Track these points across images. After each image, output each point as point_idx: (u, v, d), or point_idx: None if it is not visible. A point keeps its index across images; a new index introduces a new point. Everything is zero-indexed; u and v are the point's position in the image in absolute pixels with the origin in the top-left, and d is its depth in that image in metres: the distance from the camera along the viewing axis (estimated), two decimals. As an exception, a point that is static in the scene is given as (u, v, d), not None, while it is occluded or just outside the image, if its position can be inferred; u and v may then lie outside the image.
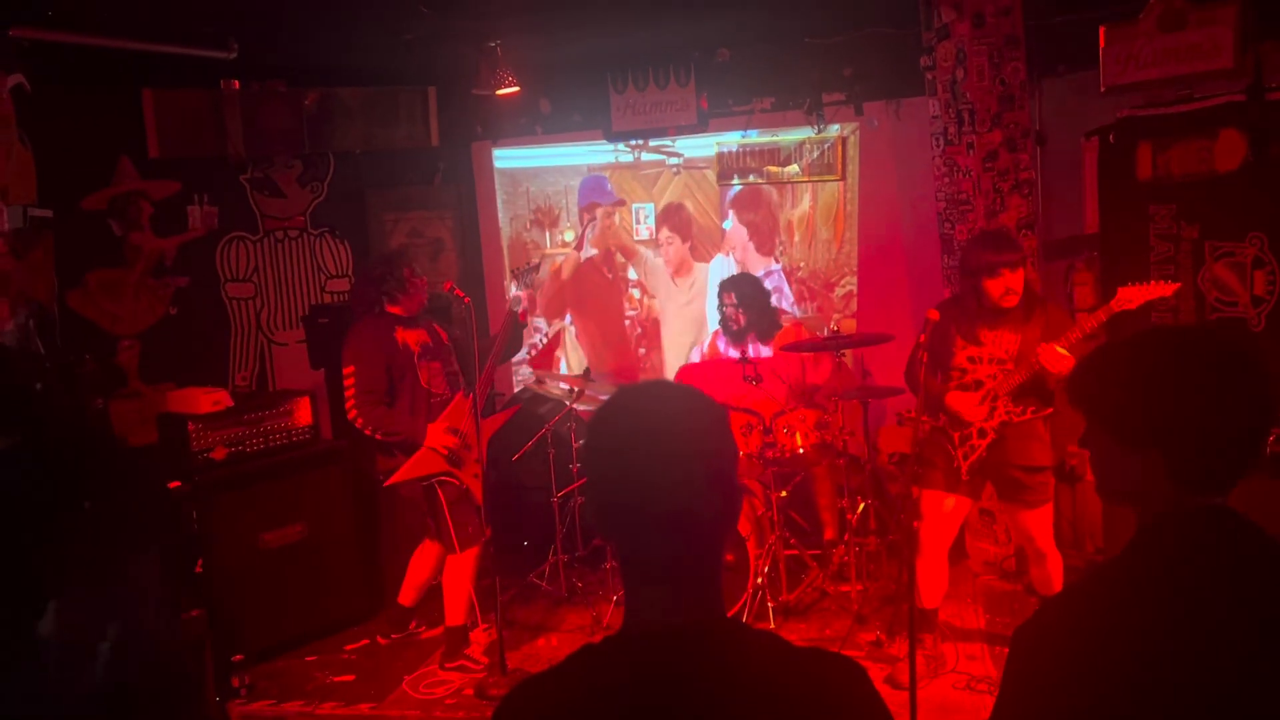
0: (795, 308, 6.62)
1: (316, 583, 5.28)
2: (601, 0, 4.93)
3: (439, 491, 4.71)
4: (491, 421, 5.00)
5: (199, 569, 4.26)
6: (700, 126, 6.50)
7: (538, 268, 5.30)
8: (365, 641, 5.25)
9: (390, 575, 5.52)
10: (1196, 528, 1.52)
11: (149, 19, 4.65)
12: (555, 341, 5.80)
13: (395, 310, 4.77)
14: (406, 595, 5.14)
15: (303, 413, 5.39)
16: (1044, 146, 5.60)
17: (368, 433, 4.66)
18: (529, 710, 1.32)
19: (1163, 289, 3.96)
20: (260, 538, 5.10)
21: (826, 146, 6.41)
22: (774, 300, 6.02)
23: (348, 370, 4.66)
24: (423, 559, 5.05)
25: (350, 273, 6.53)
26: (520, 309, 5.01)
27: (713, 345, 5.80)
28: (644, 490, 1.28)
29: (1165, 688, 1.41)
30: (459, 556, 4.76)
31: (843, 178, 6.45)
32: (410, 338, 4.78)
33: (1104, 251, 5.29)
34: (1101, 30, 4.95)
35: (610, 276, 7.04)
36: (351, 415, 4.64)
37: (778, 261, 6.67)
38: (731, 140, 6.62)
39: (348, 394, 4.65)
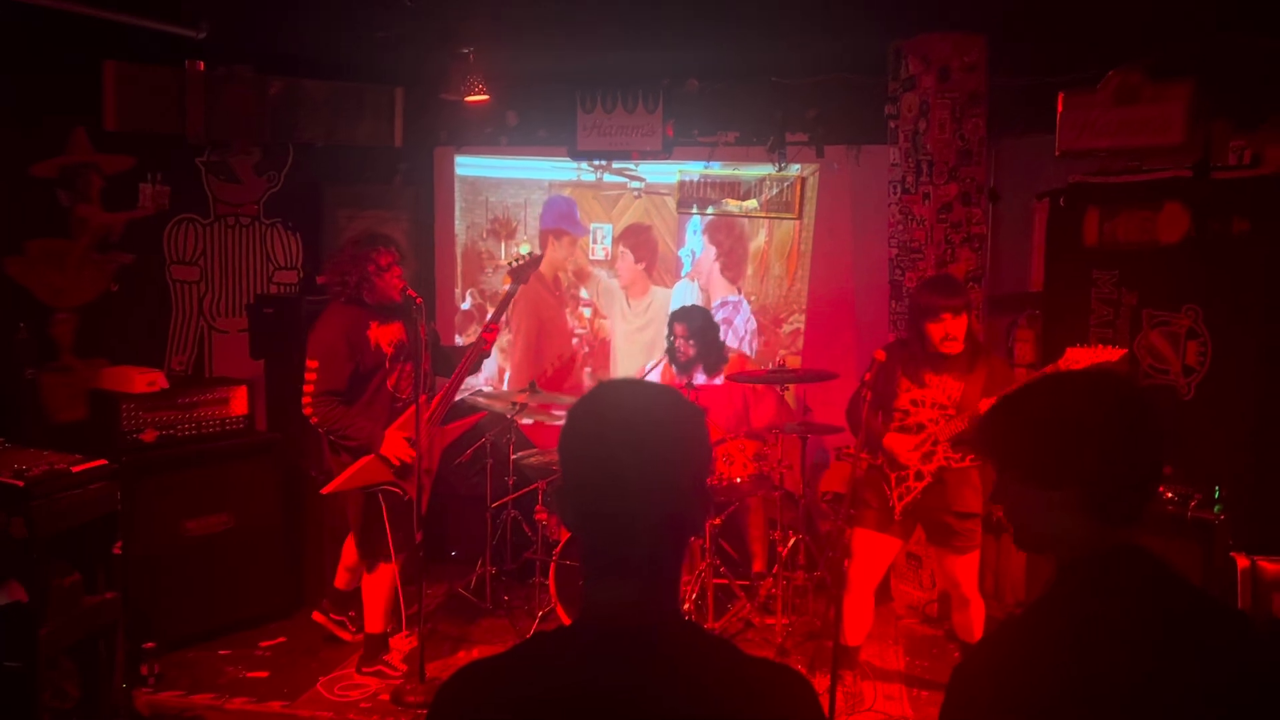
0: (755, 338, 6.67)
1: (237, 575, 5.19)
2: (576, 20, 4.96)
3: (381, 499, 4.57)
4: (452, 429, 4.88)
5: (117, 550, 4.15)
6: (664, 153, 6.56)
7: (539, 260, 5.08)
8: (282, 639, 5.16)
9: (313, 574, 5.45)
10: (1116, 566, 1.57)
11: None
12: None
13: (370, 299, 4.54)
14: (341, 578, 5.04)
15: (238, 402, 5.31)
16: (997, 203, 5.74)
17: (321, 430, 4.52)
18: (473, 692, 1.31)
19: (1110, 354, 4.05)
20: (183, 525, 5.00)
21: (786, 185, 6.50)
22: (725, 331, 6.07)
23: (311, 364, 4.41)
24: (353, 546, 4.93)
25: (299, 265, 6.45)
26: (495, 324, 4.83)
27: (666, 370, 5.82)
28: (627, 494, 1.29)
29: None
30: (386, 564, 4.67)
31: (799, 216, 6.54)
32: (384, 336, 4.58)
33: (1046, 310, 5.43)
34: (1060, 96, 5.11)
35: (557, 294, 7.04)
36: (307, 411, 4.43)
37: (740, 292, 6.73)
38: (694, 170, 6.68)
39: (306, 387, 4.42)
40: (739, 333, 6.69)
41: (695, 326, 5.60)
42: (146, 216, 5.79)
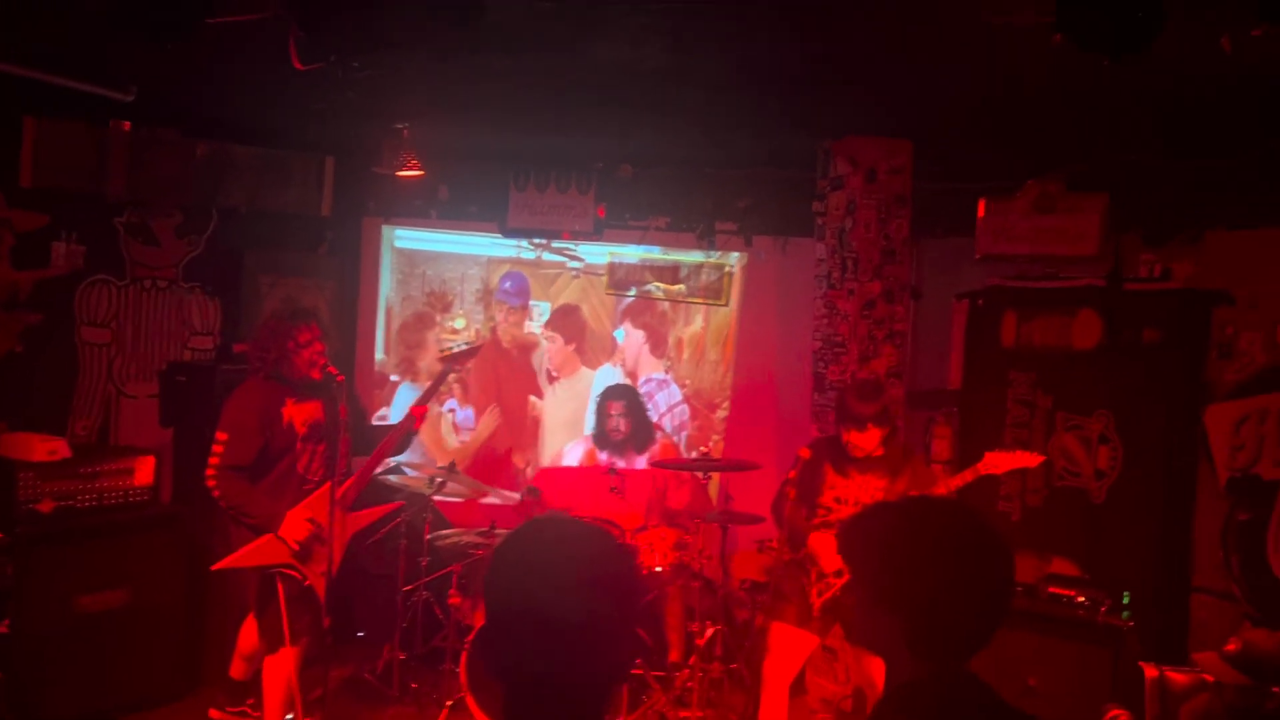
0: (681, 416, 6.68)
1: (133, 654, 4.95)
2: (515, 105, 5.00)
3: (278, 582, 4.39)
4: (363, 515, 4.70)
5: (4, 629, 3.93)
6: (595, 235, 6.61)
7: (477, 350, 4.97)
8: (176, 724, 4.92)
9: (213, 655, 5.21)
10: (933, 695, 1.59)
11: (45, 46, 4.47)
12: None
13: (289, 375, 4.41)
14: (237, 668, 4.83)
15: (144, 472, 5.12)
16: (918, 301, 5.87)
17: (222, 505, 4.37)
18: None
19: (1028, 459, 4.13)
20: (78, 601, 4.76)
21: (715, 271, 6.57)
22: (649, 405, 6.10)
23: (220, 436, 4.29)
24: (251, 630, 4.75)
25: (216, 331, 6.29)
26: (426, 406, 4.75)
27: (590, 452, 5.79)
28: (554, 646, 1.25)
29: None
30: (282, 651, 4.48)
31: (727, 304, 6.60)
32: (299, 415, 4.44)
33: (964, 409, 5.54)
34: (981, 202, 5.29)
35: (516, 364, 7.00)
36: (210, 484, 4.29)
37: (667, 371, 6.76)
38: (624, 252, 6.73)
39: (212, 459, 4.28)
40: (659, 408, 6.69)
41: (631, 403, 5.66)
42: (59, 276, 5.60)
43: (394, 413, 6.84)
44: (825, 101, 4.75)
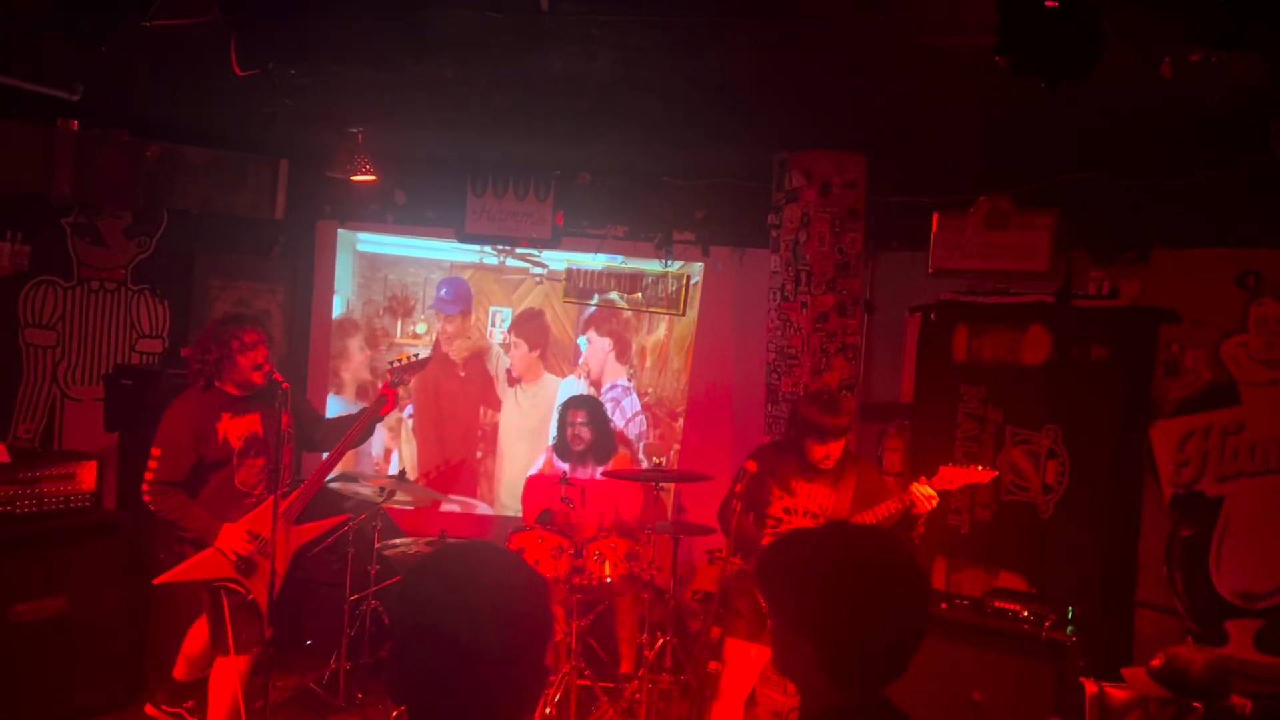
0: (641, 420, 6.68)
1: (71, 664, 4.85)
2: (467, 111, 4.97)
3: (223, 596, 4.32)
4: (308, 529, 4.61)
5: (-65, 638, 3.85)
6: (553, 242, 6.58)
7: (423, 363, 4.90)
8: (117, 733, 4.83)
9: (155, 664, 5.12)
10: None
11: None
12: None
13: (226, 388, 4.34)
14: (180, 669, 4.75)
15: (86, 477, 5.02)
16: (871, 314, 5.90)
17: (160, 518, 4.30)
18: None
19: (981, 475, 4.15)
20: (12, 608, 4.66)
21: (675, 281, 6.57)
22: (613, 410, 6.10)
23: (154, 451, 4.22)
24: (199, 634, 4.68)
25: (165, 334, 6.21)
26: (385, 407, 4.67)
27: (549, 461, 5.77)
28: (461, 670, 1.23)
29: None
30: (230, 660, 4.43)
31: (683, 313, 6.60)
32: (235, 429, 4.35)
33: (915, 421, 5.56)
34: (935, 217, 5.32)
35: (463, 375, 6.95)
36: (146, 499, 4.23)
37: (630, 379, 6.76)
38: (582, 260, 6.71)
39: (147, 474, 4.22)
40: (625, 414, 6.69)
41: (594, 413, 5.67)
42: (3, 276, 5.51)
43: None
44: (779, 115, 4.77)
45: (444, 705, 1.25)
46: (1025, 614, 4.47)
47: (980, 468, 4.20)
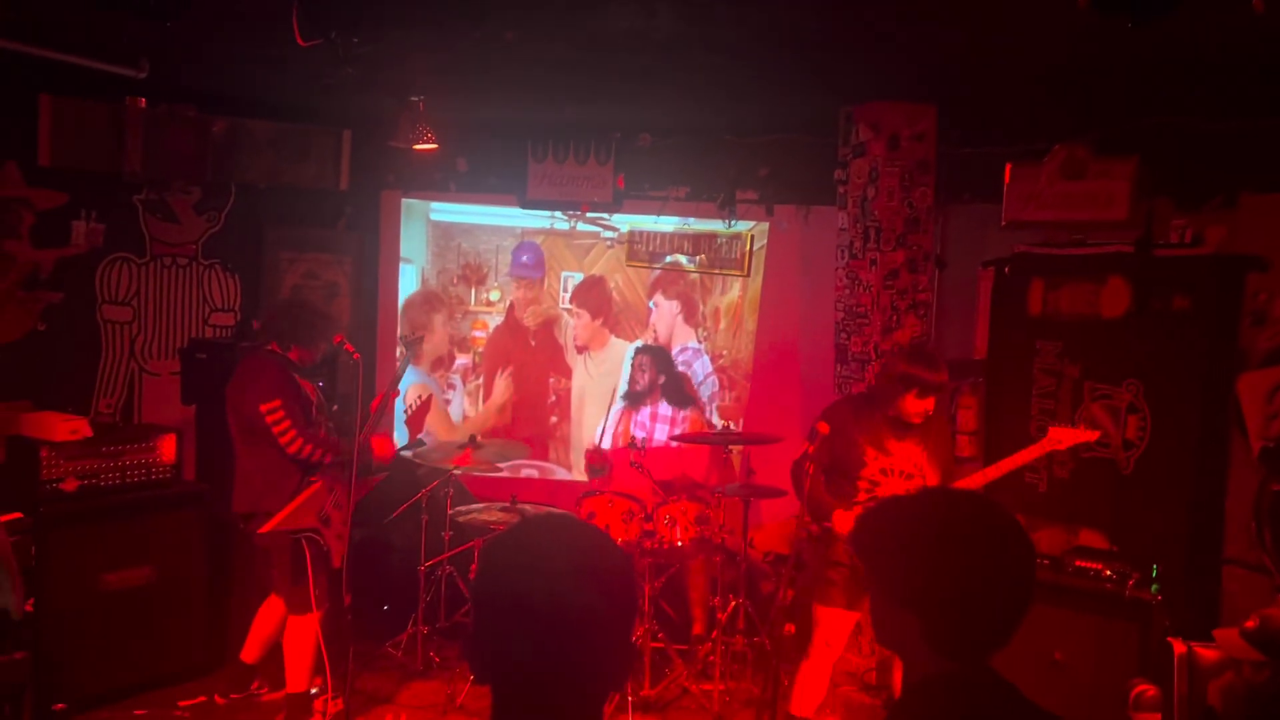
0: (713, 381, 6.65)
1: (157, 630, 4.99)
2: (527, 75, 4.92)
3: (305, 547, 4.52)
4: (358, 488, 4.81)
5: (29, 608, 3.96)
6: (615, 205, 6.54)
7: (421, 340, 5.24)
8: (202, 699, 4.95)
9: (237, 631, 5.23)
10: (951, 693, 1.54)
11: (59, 26, 4.45)
12: (425, 407, 5.63)
13: (292, 356, 4.64)
14: (250, 651, 4.88)
15: (167, 450, 5.13)
16: (943, 270, 5.76)
17: (317, 458, 4.51)
18: None
19: (1089, 435, 4.22)
20: (102, 578, 4.80)
21: (735, 241, 6.49)
22: (689, 374, 6.14)
23: (274, 404, 4.42)
24: (269, 613, 4.81)
25: (237, 308, 6.30)
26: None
27: (624, 416, 5.86)
28: (547, 648, 1.21)
29: None
30: (306, 618, 4.54)
31: (747, 274, 6.52)
32: (308, 389, 4.68)
33: (989, 379, 5.43)
34: (1008, 168, 5.15)
35: (533, 344, 6.97)
36: (295, 447, 4.44)
37: (702, 341, 6.73)
38: (644, 222, 6.66)
39: (283, 426, 4.42)
40: (697, 377, 6.66)
41: (656, 358, 5.79)
42: (79, 254, 5.62)
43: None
44: (846, 66, 4.64)
45: (533, 681, 1.22)
46: (1107, 573, 4.37)
47: (1083, 427, 4.20)
